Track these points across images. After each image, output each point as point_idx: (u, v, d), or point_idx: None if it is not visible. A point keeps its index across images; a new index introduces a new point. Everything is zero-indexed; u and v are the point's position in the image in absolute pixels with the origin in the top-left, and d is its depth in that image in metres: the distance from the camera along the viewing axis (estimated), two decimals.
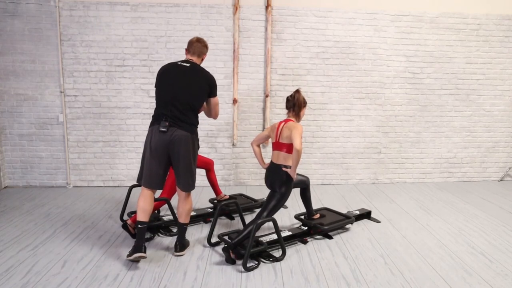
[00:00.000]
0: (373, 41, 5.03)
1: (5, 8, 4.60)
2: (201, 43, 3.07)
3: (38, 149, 4.91)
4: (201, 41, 3.09)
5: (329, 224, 3.39)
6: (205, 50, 3.12)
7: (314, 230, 3.40)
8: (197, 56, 3.07)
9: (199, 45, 3.06)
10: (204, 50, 3.10)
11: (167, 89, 2.91)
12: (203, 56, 3.12)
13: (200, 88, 2.96)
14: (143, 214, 2.89)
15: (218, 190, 3.97)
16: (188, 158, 2.90)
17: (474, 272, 2.84)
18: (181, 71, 2.93)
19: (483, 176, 5.57)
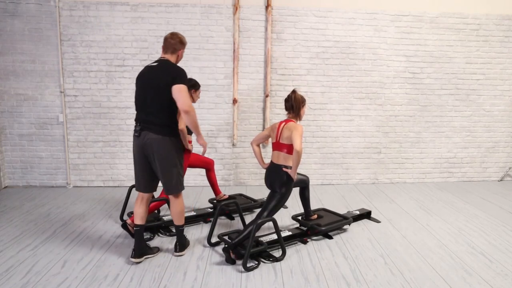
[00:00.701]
0: (373, 41, 5.03)
1: (5, 8, 4.60)
2: (173, 39, 2.88)
3: (38, 149, 4.91)
4: (174, 36, 2.89)
5: (326, 225, 3.38)
6: (178, 46, 2.90)
7: (312, 231, 3.40)
8: (170, 53, 2.89)
9: (171, 41, 2.87)
10: (177, 46, 2.89)
11: (138, 93, 2.90)
12: (178, 53, 2.92)
13: (163, 84, 2.73)
14: (136, 217, 2.96)
15: (217, 190, 3.97)
16: (165, 161, 2.79)
17: (474, 272, 2.84)
18: (149, 72, 2.84)
19: (483, 176, 5.57)
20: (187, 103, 2.71)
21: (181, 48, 2.93)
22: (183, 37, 2.94)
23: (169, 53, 2.90)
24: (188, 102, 2.71)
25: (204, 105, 4.95)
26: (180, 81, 2.73)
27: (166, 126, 2.80)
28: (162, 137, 2.77)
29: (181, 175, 2.93)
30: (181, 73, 2.77)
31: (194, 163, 3.76)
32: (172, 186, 2.88)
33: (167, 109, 2.79)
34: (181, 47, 2.93)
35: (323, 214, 3.64)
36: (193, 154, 3.75)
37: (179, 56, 2.96)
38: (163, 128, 2.78)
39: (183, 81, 2.75)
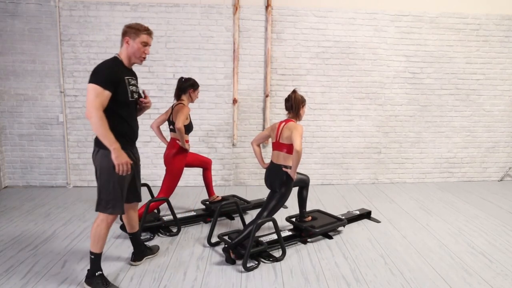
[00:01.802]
0: (373, 41, 5.03)
1: (5, 8, 4.60)
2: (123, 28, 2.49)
3: (38, 149, 4.91)
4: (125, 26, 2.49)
5: (320, 227, 3.35)
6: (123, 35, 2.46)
7: (305, 232, 3.38)
8: (121, 46, 2.50)
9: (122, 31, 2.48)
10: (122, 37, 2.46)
11: None
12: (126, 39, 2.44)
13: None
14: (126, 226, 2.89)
15: (211, 191, 3.94)
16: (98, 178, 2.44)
17: (474, 272, 2.84)
18: None
19: (483, 176, 5.57)
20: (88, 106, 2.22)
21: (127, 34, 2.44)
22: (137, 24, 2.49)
23: (120, 46, 2.52)
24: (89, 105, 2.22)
25: (204, 105, 4.95)
26: (92, 79, 2.27)
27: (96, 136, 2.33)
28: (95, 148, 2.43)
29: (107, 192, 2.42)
30: (96, 70, 2.31)
31: (192, 162, 3.75)
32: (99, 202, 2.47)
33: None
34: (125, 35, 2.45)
35: (318, 216, 3.61)
36: (191, 153, 3.75)
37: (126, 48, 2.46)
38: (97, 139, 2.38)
39: (94, 78, 2.26)
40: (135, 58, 2.50)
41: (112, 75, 2.34)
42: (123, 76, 2.42)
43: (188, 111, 3.44)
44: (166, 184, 3.47)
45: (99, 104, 2.24)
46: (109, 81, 2.30)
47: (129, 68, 2.54)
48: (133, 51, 2.46)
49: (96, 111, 2.21)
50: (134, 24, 2.49)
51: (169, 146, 3.54)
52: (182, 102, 3.50)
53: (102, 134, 2.25)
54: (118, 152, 2.29)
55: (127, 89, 2.43)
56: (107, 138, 2.26)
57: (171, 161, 3.46)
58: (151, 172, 5.02)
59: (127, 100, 2.43)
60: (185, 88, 3.52)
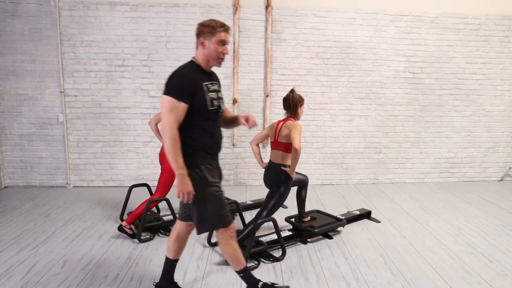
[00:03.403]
0: (373, 41, 5.03)
1: (5, 8, 4.60)
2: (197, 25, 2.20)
3: (38, 149, 4.91)
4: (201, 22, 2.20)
5: (319, 227, 3.34)
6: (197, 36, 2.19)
7: (305, 233, 3.38)
8: (196, 48, 2.23)
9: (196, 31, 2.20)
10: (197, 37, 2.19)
11: None
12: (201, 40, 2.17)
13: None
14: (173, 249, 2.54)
15: None
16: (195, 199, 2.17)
17: (474, 272, 2.84)
18: None
19: (483, 176, 5.57)
20: (162, 123, 2.03)
21: (200, 37, 2.17)
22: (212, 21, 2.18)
23: (196, 48, 2.23)
24: (163, 121, 2.02)
25: None
26: (166, 90, 2.05)
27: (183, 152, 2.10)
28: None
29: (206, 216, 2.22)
30: (170, 78, 2.09)
31: None
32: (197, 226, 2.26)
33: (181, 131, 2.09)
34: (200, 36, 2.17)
35: (317, 216, 3.61)
36: None
37: (202, 49, 2.18)
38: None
39: (167, 89, 2.05)
40: (212, 60, 2.20)
41: (188, 83, 2.07)
42: (201, 83, 2.13)
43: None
44: (162, 183, 3.45)
45: (174, 120, 2.01)
46: (185, 91, 2.04)
47: (208, 72, 2.24)
48: (210, 53, 2.17)
49: (170, 130, 2.00)
50: (208, 21, 2.18)
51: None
52: None
53: (171, 156, 2.04)
54: (183, 179, 2.07)
55: (206, 97, 2.13)
56: (175, 162, 2.04)
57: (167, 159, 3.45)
58: (151, 172, 5.02)
59: (206, 110, 2.13)
60: None
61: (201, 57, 2.20)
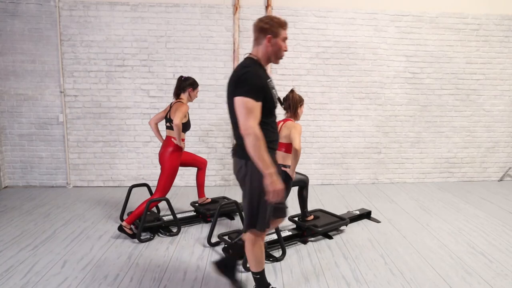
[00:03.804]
0: (373, 41, 5.03)
1: (5, 8, 4.60)
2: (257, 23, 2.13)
3: (38, 149, 4.91)
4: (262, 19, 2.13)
5: (323, 226, 3.36)
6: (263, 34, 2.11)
7: (308, 232, 3.39)
8: (256, 44, 2.15)
9: (255, 27, 2.13)
10: (262, 34, 2.11)
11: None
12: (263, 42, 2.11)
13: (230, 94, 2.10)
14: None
15: (202, 192, 3.93)
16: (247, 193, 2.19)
17: (474, 272, 2.84)
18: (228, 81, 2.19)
19: (483, 176, 5.57)
20: (243, 124, 1.98)
21: (268, 34, 2.09)
22: (275, 18, 2.13)
23: (255, 45, 2.16)
24: (243, 122, 1.98)
25: (204, 105, 4.95)
26: (241, 91, 1.99)
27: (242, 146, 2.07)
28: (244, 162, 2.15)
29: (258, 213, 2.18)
30: (242, 79, 2.02)
31: (187, 161, 3.75)
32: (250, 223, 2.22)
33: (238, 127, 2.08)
34: (268, 32, 2.09)
35: (320, 215, 3.62)
36: (187, 153, 3.75)
37: (267, 46, 2.11)
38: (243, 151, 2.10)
39: (243, 90, 1.99)
40: (275, 57, 2.16)
41: (261, 83, 2.04)
42: (266, 80, 2.09)
43: (187, 109, 3.44)
44: (161, 183, 3.45)
45: (254, 120, 1.97)
46: (259, 90, 2.02)
47: (264, 68, 2.19)
48: (275, 50, 2.13)
49: (254, 130, 1.95)
50: (272, 18, 2.12)
51: (164, 144, 3.53)
52: (181, 100, 3.50)
53: (258, 156, 1.97)
54: (274, 178, 1.99)
55: (272, 95, 2.11)
56: (263, 161, 1.98)
57: (166, 159, 3.45)
58: (151, 172, 5.02)
59: (273, 107, 2.14)
60: (184, 87, 3.52)
61: (262, 54, 2.14)
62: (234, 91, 2.02)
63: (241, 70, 2.06)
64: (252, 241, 2.26)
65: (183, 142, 3.51)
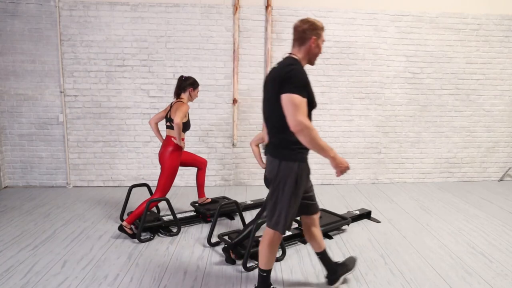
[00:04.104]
0: (373, 41, 5.03)
1: (5, 8, 4.60)
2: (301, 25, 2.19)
3: (38, 149, 4.91)
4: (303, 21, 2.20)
5: (324, 226, 3.37)
6: (308, 33, 2.17)
7: None
8: (298, 45, 2.21)
9: (298, 28, 2.19)
10: (307, 33, 2.17)
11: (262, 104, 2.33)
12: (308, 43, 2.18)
13: (273, 92, 2.13)
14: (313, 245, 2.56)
15: (202, 192, 3.93)
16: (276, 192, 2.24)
17: (474, 272, 2.84)
18: (268, 77, 2.24)
19: (483, 176, 5.57)
20: (294, 119, 2.02)
21: (311, 36, 2.17)
22: (318, 21, 2.21)
23: (296, 46, 2.22)
24: (294, 118, 2.02)
25: (204, 105, 4.95)
26: (288, 88, 2.04)
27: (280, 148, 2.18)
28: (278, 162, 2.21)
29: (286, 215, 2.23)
30: (289, 77, 2.05)
31: (187, 161, 3.75)
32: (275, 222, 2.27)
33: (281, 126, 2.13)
34: (312, 34, 2.17)
35: (322, 215, 3.63)
36: (187, 152, 3.75)
37: (312, 47, 2.20)
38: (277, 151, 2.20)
39: (291, 87, 2.03)
40: (315, 58, 2.26)
41: (307, 80, 2.11)
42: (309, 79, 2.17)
43: (187, 108, 3.44)
44: (161, 182, 3.45)
45: (303, 114, 2.03)
46: (305, 87, 2.09)
47: None
48: (317, 52, 2.23)
49: (305, 123, 2.01)
50: (315, 20, 2.21)
51: (164, 143, 3.54)
52: (181, 100, 3.51)
53: (319, 146, 2.05)
54: (336, 159, 2.10)
55: (314, 93, 2.18)
56: (325, 149, 2.07)
57: (166, 158, 3.46)
58: (151, 172, 5.02)
59: (314, 105, 2.18)
60: (185, 87, 3.53)
61: (304, 54, 2.21)
62: (280, 89, 2.07)
63: (286, 68, 2.10)
64: (271, 239, 2.28)
65: (183, 141, 3.51)
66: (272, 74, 2.18)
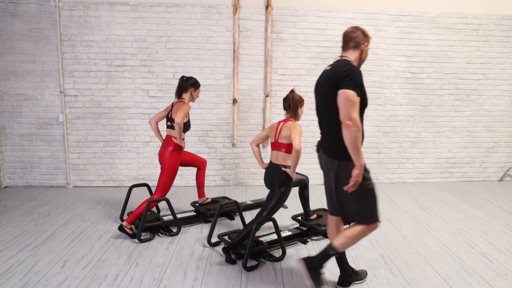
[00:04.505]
0: (373, 41, 5.02)
1: (5, 8, 4.60)
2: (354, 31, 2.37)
3: (38, 149, 4.91)
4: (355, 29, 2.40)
5: (326, 225, 3.37)
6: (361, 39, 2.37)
7: (312, 231, 3.40)
8: (352, 48, 2.37)
9: (352, 34, 2.36)
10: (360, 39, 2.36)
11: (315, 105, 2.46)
12: (361, 47, 2.37)
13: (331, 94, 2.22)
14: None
15: (202, 192, 3.93)
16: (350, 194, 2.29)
17: (474, 272, 2.84)
18: (322, 78, 2.37)
19: (483, 176, 5.57)
20: (347, 115, 2.11)
21: (365, 42, 2.37)
22: (364, 29, 2.44)
23: (349, 49, 2.37)
24: (348, 114, 2.11)
25: (204, 105, 4.95)
26: (345, 84, 2.13)
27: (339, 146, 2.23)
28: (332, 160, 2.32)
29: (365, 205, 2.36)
30: (349, 73, 2.16)
31: (187, 161, 3.75)
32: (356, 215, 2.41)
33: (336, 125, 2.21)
34: (365, 40, 2.38)
35: (323, 214, 3.64)
36: (187, 152, 3.75)
37: (363, 52, 2.39)
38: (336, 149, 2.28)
39: (349, 83, 2.13)
40: (362, 63, 2.44)
41: (361, 79, 2.22)
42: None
43: (189, 108, 3.45)
44: (161, 182, 3.45)
45: (357, 113, 2.12)
46: (360, 86, 2.19)
47: None
48: (364, 57, 2.41)
49: (357, 122, 2.10)
50: (363, 28, 2.43)
51: (164, 143, 3.54)
52: (183, 100, 3.51)
53: (356, 147, 2.12)
54: (361, 170, 2.17)
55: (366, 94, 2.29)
56: (358, 152, 2.13)
57: (166, 158, 3.46)
58: (151, 172, 5.02)
59: (366, 105, 2.28)
60: (186, 87, 3.53)
61: (355, 58, 2.36)
62: (337, 85, 2.16)
63: (343, 67, 2.21)
64: (364, 230, 2.39)
65: (183, 141, 3.51)
66: (326, 75, 2.31)
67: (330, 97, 2.22)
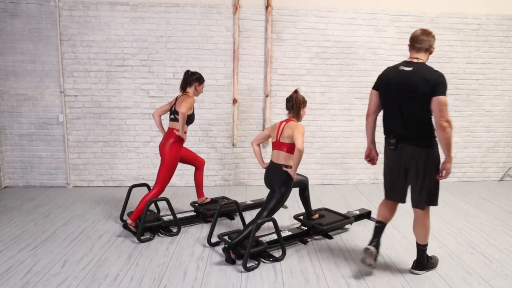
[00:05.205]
0: (373, 41, 5.03)
1: (5, 8, 4.60)
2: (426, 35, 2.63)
3: (38, 149, 4.91)
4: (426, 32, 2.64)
5: (328, 224, 3.39)
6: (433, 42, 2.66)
7: (313, 230, 3.40)
8: (424, 51, 2.65)
9: (424, 38, 2.62)
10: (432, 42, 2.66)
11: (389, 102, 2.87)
12: (431, 50, 2.68)
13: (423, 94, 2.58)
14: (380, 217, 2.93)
15: (201, 192, 3.93)
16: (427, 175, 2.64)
17: (474, 272, 2.84)
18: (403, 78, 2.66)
19: (483, 176, 5.57)
20: (444, 118, 2.52)
21: (433, 45, 2.67)
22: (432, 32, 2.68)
23: (422, 52, 2.65)
24: (445, 117, 2.53)
25: (204, 105, 4.95)
26: (441, 91, 2.56)
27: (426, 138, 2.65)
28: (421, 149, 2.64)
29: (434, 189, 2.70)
30: (444, 81, 2.58)
31: (186, 157, 3.75)
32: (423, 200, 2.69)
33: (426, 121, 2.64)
34: (433, 44, 2.67)
35: (325, 214, 3.65)
36: (187, 149, 3.75)
37: (431, 54, 2.71)
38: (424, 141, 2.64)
39: (444, 91, 2.57)
40: None
41: None
42: None
43: (193, 101, 3.47)
44: (161, 174, 3.46)
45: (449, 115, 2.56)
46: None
47: None
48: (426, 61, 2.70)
49: (451, 123, 2.54)
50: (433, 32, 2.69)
51: (166, 136, 3.55)
52: (187, 93, 3.53)
53: (449, 143, 2.54)
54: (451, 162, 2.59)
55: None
56: (451, 148, 2.56)
57: (167, 150, 3.47)
58: (151, 172, 5.02)
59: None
60: (191, 81, 3.54)
61: (426, 61, 2.66)
62: (433, 91, 2.54)
63: (435, 73, 2.57)
64: (427, 215, 2.71)
65: (185, 134, 3.51)
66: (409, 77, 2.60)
67: (423, 100, 2.54)
